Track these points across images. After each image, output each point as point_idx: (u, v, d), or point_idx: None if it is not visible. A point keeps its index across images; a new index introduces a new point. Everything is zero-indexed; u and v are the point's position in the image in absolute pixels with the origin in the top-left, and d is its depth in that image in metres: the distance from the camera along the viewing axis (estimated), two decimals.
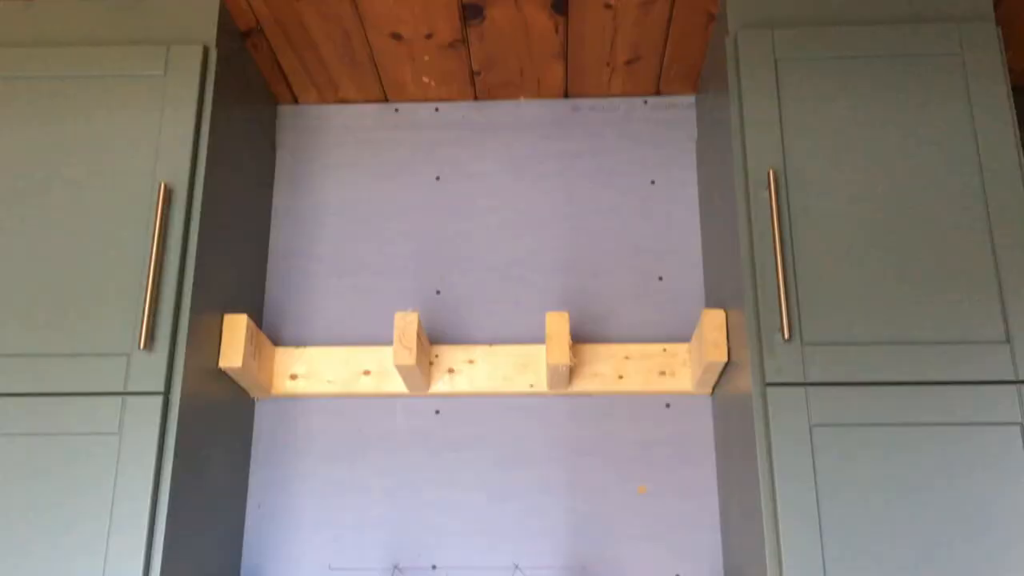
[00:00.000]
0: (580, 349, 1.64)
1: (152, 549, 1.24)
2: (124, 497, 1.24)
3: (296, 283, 1.74)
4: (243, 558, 1.58)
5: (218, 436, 1.47)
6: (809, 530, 1.21)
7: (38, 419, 1.28)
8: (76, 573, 1.21)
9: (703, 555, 1.56)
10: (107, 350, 1.32)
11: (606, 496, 1.60)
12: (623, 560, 1.56)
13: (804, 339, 1.30)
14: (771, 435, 1.25)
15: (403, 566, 1.57)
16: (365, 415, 1.66)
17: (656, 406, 1.64)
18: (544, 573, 1.56)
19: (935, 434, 1.25)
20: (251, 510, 1.61)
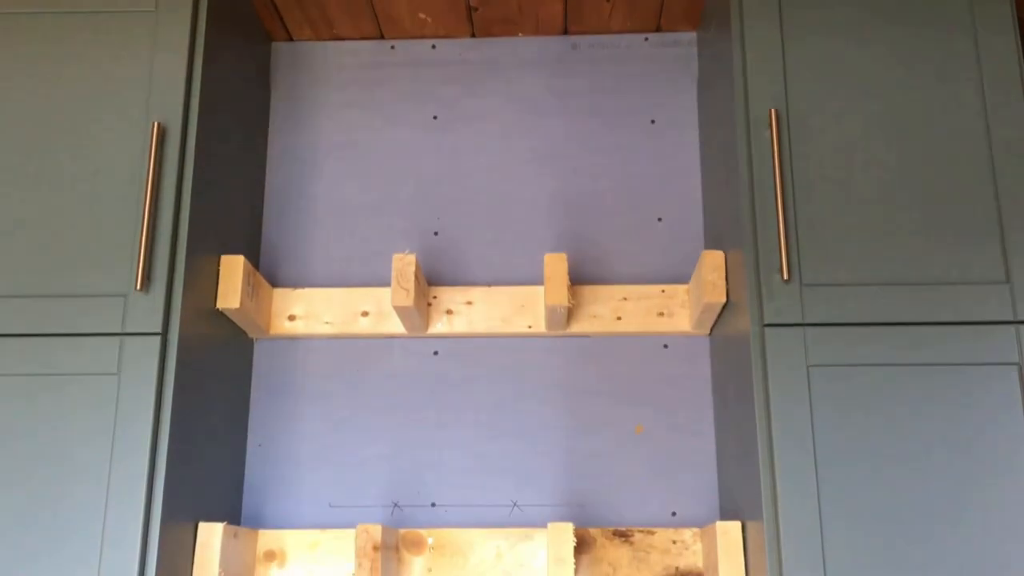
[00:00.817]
0: (578, 290, 1.63)
1: (153, 488, 1.25)
2: (124, 437, 1.25)
3: (293, 224, 1.73)
4: (244, 497, 1.60)
5: (217, 376, 1.48)
6: (805, 470, 1.22)
7: (37, 360, 1.28)
8: (78, 512, 1.23)
9: (699, 493, 1.57)
10: (104, 291, 1.31)
11: (604, 435, 1.61)
12: (620, 498, 1.58)
13: (803, 280, 1.29)
14: (768, 375, 1.26)
15: (403, 504, 1.59)
16: (363, 356, 1.66)
17: (654, 347, 1.65)
18: (542, 511, 1.58)
19: (932, 374, 1.25)
20: (251, 449, 1.62)
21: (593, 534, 1.50)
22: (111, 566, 1.20)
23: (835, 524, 1.20)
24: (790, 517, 1.20)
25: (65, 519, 1.23)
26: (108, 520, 1.22)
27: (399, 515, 1.58)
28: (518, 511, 1.58)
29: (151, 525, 1.24)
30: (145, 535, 1.23)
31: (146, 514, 1.23)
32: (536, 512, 1.58)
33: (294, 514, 1.58)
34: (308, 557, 1.50)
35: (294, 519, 1.58)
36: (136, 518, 1.22)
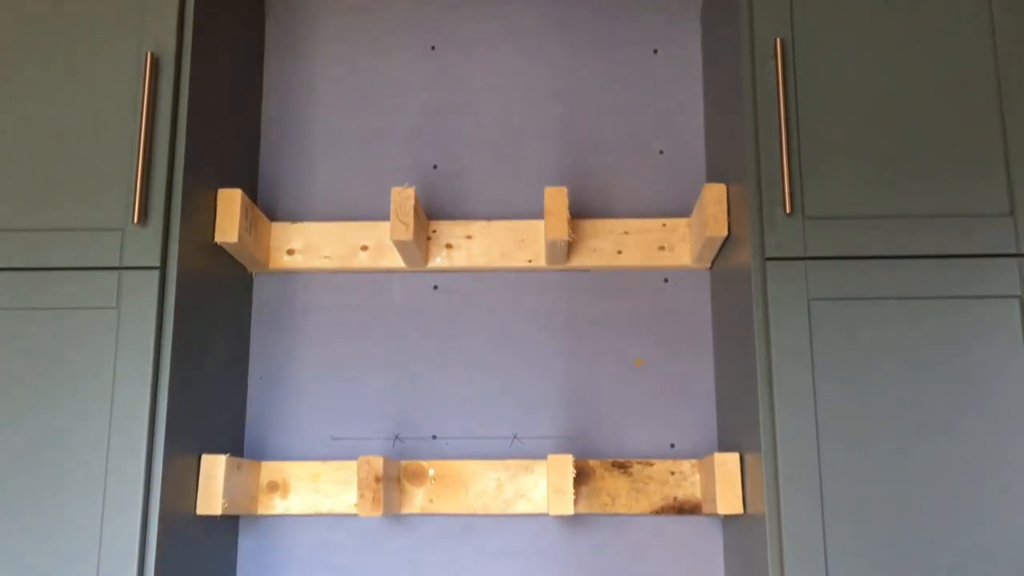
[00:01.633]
0: (579, 224, 1.62)
1: (156, 421, 1.26)
2: (125, 370, 1.26)
3: (290, 158, 1.71)
4: (246, 430, 1.61)
5: (217, 310, 1.48)
6: (804, 403, 1.23)
7: (36, 294, 1.28)
8: (81, 445, 1.24)
9: (698, 426, 1.59)
10: (101, 225, 1.30)
11: (603, 369, 1.62)
12: (619, 430, 1.59)
13: (805, 213, 1.29)
14: (769, 309, 1.25)
15: (404, 436, 1.60)
16: (363, 290, 1.66)
17: (654, 281, 1.65)
18: (542, 443, 1.59)
19: (934, 308, 1.25)
20: (253, 382, 1.63)
21: (592, 465, 1.52)
22: (115, 498, 1.22)
23: (833, 456, 1.21)
24: (788, 449, 1.21)
25: (68, 453, 1.24)
26: (111, 453, 1.23)
27: (400, 447, 1.60)
28: (518, 443, 1.60)
29: (154, 457, 1.25)
30: (149, 467, 1.24)
31: (149, 446, 1.24)
32: (536, 444, 1.59)
33: (296, 446, 1.60)
34: (310, 488, 1.52)
35: (296, 451, 1.60)
36: (139, 450, 1.23)
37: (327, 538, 1.56)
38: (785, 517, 1.19)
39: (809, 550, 1.18)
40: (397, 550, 1.56)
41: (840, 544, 1.19)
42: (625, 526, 1.56)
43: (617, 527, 1.56)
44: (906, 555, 1.18)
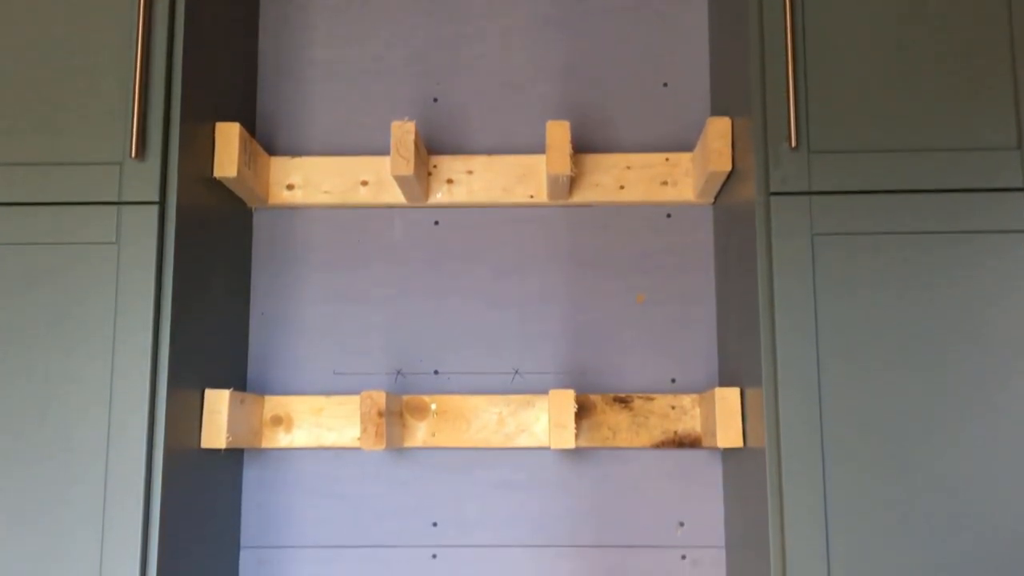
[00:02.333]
0: (581, 159, 1.61)
1: (158, 355, 1.26)
2: (127, 305, 1.25)
3: (288, 91, 1.69)
4: (249, 365, 1.62)
5: (217, 245, 1.47)
6: (806, 338, 1.23)
7: (34, 229, 1.27)
8: (83, 381, 1.24)
9: (698, 361, 1.59)
10: (98, 159, 1.29)
11: (605, 304, 1.62)
12: (620, 365, 1.60)
13: (811, 147, 1.27)
14: (772, 245, 1.25)
15: (406, 371, 1.61)
16: (364, 226, 1.65)
17: (657, 216, 1.64)
18: (543, 378, 1.60)
19: (939, 243, 1.24)
20: (254, 318, 1.63)
21: (593, 400, 1.53)
22: (119, 432, 1.23)
23: (834, 391, 1.22)
24: (789, 384, 1.22)
25: (71, 389, 1.24)
26: (115, 387, 1.24)
27: (402, 382, 1.61)
28: (520, 378, 1.60)
29: (157, 392, 1.25)
30: (152, 402, 1.25)
31: (152, 381, 1.25)
32: (537, 379, 1.60)
33: (298, 381, 1.61)
34: (314, 422, 1.53)
35: (299, 386, 1.60)
36: (142, 385, 1.24)
37: (331, 471, 1.58)
38: (785, 451, 1.20)
39: (808, 483, 1.20)
40: (400, 482, 1.58)
41: (839, 478, 1.20)
42: (625, 459, 1.57)
43: (618, 460, 1.57)
44: (905, 487, 1.20)
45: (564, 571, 1.54)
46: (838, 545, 1.18)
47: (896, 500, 1.19)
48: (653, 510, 1.56)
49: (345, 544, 1.56)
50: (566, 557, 1.55)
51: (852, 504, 1.19)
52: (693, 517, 1.55)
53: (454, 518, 1.57)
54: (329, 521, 1.57)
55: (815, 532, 1.19)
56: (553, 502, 1.56)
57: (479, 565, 1.55)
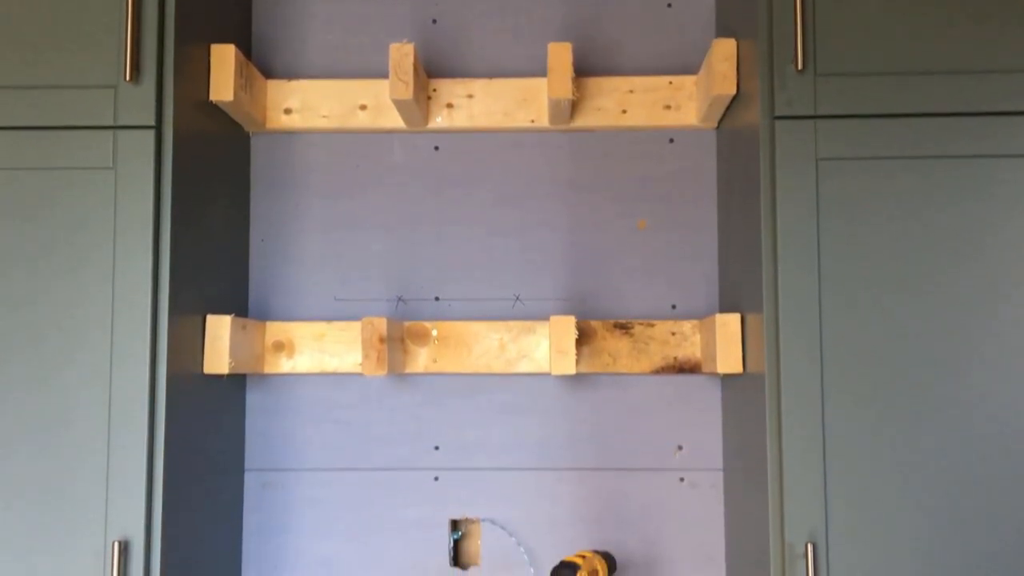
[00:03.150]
0: (583, 82, 1.58)
1: (158, 282, 1.26)
2: (126, 231, 1.25)
3: (284, 12, 1.65)
4: (249, 291, 1.62)
5: (215, 171, 1.46)
6: (808, 264, 1.22)
7: (28, 154, 1.26)
8: (85, 307, 1.24)
9: (700, 287, 1.59)
10: (93, 82, 1.27)
11: (606, 230, 1.61)
12: (621, 291, 1.60)
13: (817, 70, 1.25)
14: (776, 169, 1.23)
15: (406, 298, 1.61)
16: (363, 151, 1.63)
17: (659, 141, 1.62)
18: (544, 304, 1.60)
19: (945, 168, 1.23)
20: (254, 244, 1.62)
21: (594, 326, 1.53)
22: (122, 358, 1.23)
23: (835, 317, 1.22)
24: (790, 309, 1.22)
25: (72, 315, 1.24)
26: (116, 313, 1.24)
27: (403, 309, 1.61)
28: (520, 304, 1.61)
29: (159, 317, 1.25)
30: (154, 328, 1.25)
31: (154, 307, 1.25)
32: (538, 306, 1.60)
33: (299, 307, 1.61)
34: (315, 348, 1.54)
35: (300, 312, 1.61)
36: (144, 310, 1.24)
37: (333, 396, 1.59)
38: (784, 376, 1.21)
39: (807, 408, 1.21)
40: (402, 407, 1.59)
41: (838, 403, 1.21)
42: (625, 385, 1.58)
43: (618, 386, 1.58)
44: (905, 413, 1.21)
45: (564, 493, 1.57)
46: (835, 469, 1.20)
47: (895, 425, 1.20)
48: (652, 434, 1.57)
49: (348, 467, 1.58)
50: (566, 480, 1.57)
51: (850, 429, 1.20)
52: (692, 441, 1.57)
53: (456, 442, 1.59)
54: (332, 445, 1.59)
55: (813, 456, 1.20)
56: (553, 427, 1.58)
57: (480, 488, 1.58)
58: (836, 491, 1.20)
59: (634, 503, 1.56)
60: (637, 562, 1.55)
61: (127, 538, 1.21)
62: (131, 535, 1.21)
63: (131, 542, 1.21)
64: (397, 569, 1.56)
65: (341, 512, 1.57)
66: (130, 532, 1.21)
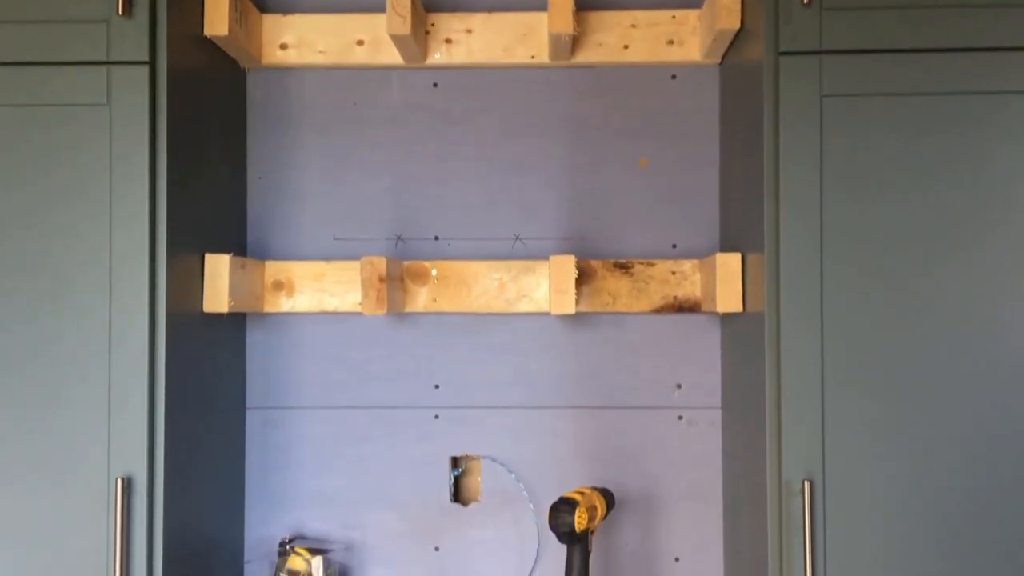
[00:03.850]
0: (584, 17, 1.55)
1: (156, 221, 1.25)
2: (122, 171, 1.24)
3: None
4: (248, 230, 1.61)
5: (211, 107, 1.44)
6: (810, 202, 1.21)
7: (21, 90, 1.24)
8: (82, 248, 1.24)
9: (701, 226, 1.58)
10: (84, 16, 1.24)
11: (607, 168, 1.59)
12: (622, 231, 1.59)
13: (823, 3, 1.22)
14: (780, 106, 1.22)
15: (406, 237, 1.60)
16: (361, 87, 1.61)
17: (662, 77, 1.59)
18: (544, 244, 1.59)
19: (951, 105, 1.21)
20: (252, 183, 1.61)
21: (594, 266, 1.53)
22: (121, 299, 1.23)
23: (837, 256, 1.21)
24: (791, 249, 1.21)
25: (70, 255, 1.24)
26: (114, 253, 1.23)
27: (402, 248, 1.60)
28: (520, 244, 1.60)
29: (157, 257, 1.25)
30: (153, 267, 1.24)
31: (152, 246, 1.24)
32: (538, 245, 1.59)
33: (298, 247, 1.60)
34: (315, 287, 1.54)
35: (299, 251, 1.60)
36: (142, 250, 1.23)
37: (333, 335, 1.60)
38: (784, 315, 1.21)
39: (806, 347, 1.21)
40: (402, 346, 1.60)
41: (837, 343, 1.21)
42: (625, 324, 1.59)
43: (617, 325, 1.59)
44: (903, 353, 1.21)
45: (564, 432, 1.58)
46: (833, 408, 1.20)
47: (894, 363, 1.21)
48: (651, 373, 1.58)
49: (348, 405, 1.59)
50: (565, 418, 1.58)
51: (849, 367, 1.21)
52: (691, 380, 1.58)
53: (456, 381, 1.59)
54: (332, 384, 1.60)
55: (811, 395, 1.20)
56: (553, 366, 1.59)
57: (480, 426, 1.59)
58: (834, 430, 1.20)
59: (633, 441, 1.58)
60: (635, 498, 1.57)
61: (130, 475, 1.22)
62: (134, 472, 1.22)
63: (134, 479, 1.22)
64: (398, 505, 1.58)
65: (342, 449, 1.59)
66: (133, 469, 1.22)
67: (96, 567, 1.22)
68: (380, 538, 1.58)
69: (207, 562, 1.43)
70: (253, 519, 1.59)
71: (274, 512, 1.59)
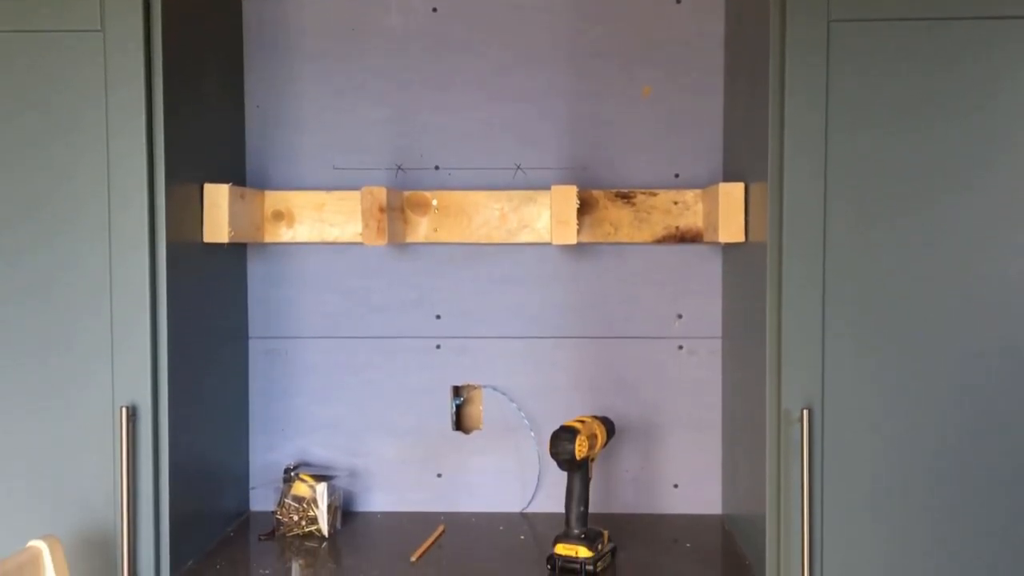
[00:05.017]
0: None
1: (153, 150, 1.24)
2: (118, 98, 1.22)
3: None
4: (247, 160, 1.59)
5: (207, 33, 1.41)
6: (815, 131, 1.20)
7: (11, 14, 1.22)
8: (80, 179, 1.23)
9: (704, 156, 1.57)
10: None
11: (609, 97, 1.57)
12: (624, 160, 1.58)
13: None
14: (787, 31, 1.19)
15: (406, 167, 1.59)
16: (358, 12, 1.58)
17: (666, 3, 1.56)
18: (546, 173, 1.58)
19: (961, 29, 1.18)
20: (250, 111, 1.59)
21: (596, 196, 1.52)
22: (121, 229, 1.23)
23: (841, 186, 1.20)
24: (795, 179, 1.20)
25: (68, 184, 1.23)
26: (112, 184, 1.22)
27: (402, 177, 1.59)
28: (521, 174, 1.59)
29: (156, 186, 1.24)
30: (151, 197, 1.24)
31: (150, 175, 1.23)
32: (539, 175, 1.58)
33: (298, 176, 1.59)
34: (315, 217, 1.53)
35: (298, 181, 1.59)
36: (140, 180, 1.22)
37: (334, 266, 1.60)
38: (787, 245, 1.21)
39: (808, 277, 1.20)
40: (403, 277, 1.60)
41: (839, 273, 1.20)
42: (626, 255, 1.58)
43: (618, 255, 1.58)
44: (905, 283, 1.20)
45: (564, 361, 1.59)
46: (834, 338, 1.21)
47: (896, 293, 1.20)
48: (652, 303, 1.58)
49: (350, 335, 1.60)
50: (566, 348, 1.59)
51: (851, 298, 1.21)
52: (691, 310, 1.58)
53: (457, 311, 1.60)
54: (334, 314, 1.60)
55: (812, 325, 1.21)
56: (554, 296, 1.59)
57: (482, 356, 1.60)
58: (833, 359, 1.21)
59: (633, 370, 1.59)
60: (635, 427, 1.59)
61: (134, 403, 1.23)
62: (138, 400, 1.23)
63: (138, 407, 1.23)
64: (401, 433, 1.60)
65: (345, 379, 1.60)
66: (137, 398, 1.23)
67: (104, 493, 1.24)
68: (383, 465, 1.60)
69: (213, 487, 1.45)
70: (258, 446, 1.61)
71: (278, 440, 1.61)
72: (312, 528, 1.47)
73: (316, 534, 1.47)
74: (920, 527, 1.21)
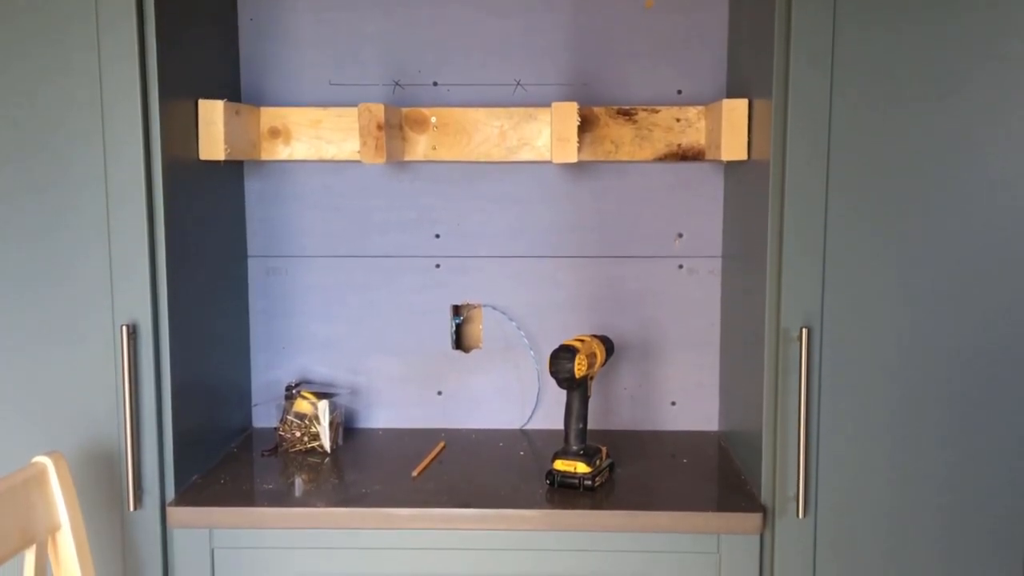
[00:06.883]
0: None
1: (146, 65, 1.21)
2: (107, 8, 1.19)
3: None
4: (241, 76, 1.56)
5: None
6: (821, 49, 1.17)
7: None
8: (71, 95, 1.20)
9: (706, 72, 1.54)
10: None
11: (611, 10, 1.53)
12: (625, 76, 1.55)
13: None
14: None
15: (404, 82, 1.56)
16: None
17: None
18: (546, 89, 1.55)
19: None
20: (243, 24, 1.55)
21: (597, 112, 1.50)
22: (116, 147, 1.21)
23: (845, 104, 1.18)
24: (800, 96, 1.18)
25: (59, 96, 1.21)
26: (105, 99, 1.20)
27: (400, 94, 1.56)
28: (521, 90, 1.56)
29: (150, 103, 1.22)
30: (145, 113, 1.22)
31: (143, 91, 1.21)
32: (539, 91, 1.55)
33: (294, 92, 1.56)
34: (312, 134, 1.51)
35: (294, 97, 1.56)
36: (134, 96, 1.20)
37: (332, 184, 1.58)
38: (790, 164, 1.19)
39: (810, 197, 1.20)
40: (402, 194, 1.58)
41: (841, 193, 1.19)
42: (627, 173, 1.57)
43: (619, 174, 1.57)
44: (905, 206, 1.20)
45: (564, 280, 1.59)
46: (834, 257, 1.20)
47: (896, 215, 1.20)
48: (653, 222, 1.57)
49: (349, 254, 1.59)
50: (566, 267, 1.59)
51: (851, 218, 1.20)
52: (692, 229, 1.57)
53: (456, 230, 1.59)
54: (333, 233, 1.59)
55: (812, 244, 1.20)
56: (554, 215, 1.58)
57: (481, 275, 1.59)
58: (833, 278, 1.21)
59: (633, 289, 1.59)
60: (634, 345, 1.60)
61: (134, 322, 1.23)
62: (138, 319, 1.24)
63: (139, 325, 1.24)
64: (401, 351, 1.61)
65: (344, 296, 1.60)
66: (137, 316, 1.23)
67: (107, 410, 1.25)
68: (384, 383, 1.62)
69: (216, 404, 1.46)
70: (259, 364, 1.62)
71: (280, 358, 1.62)
72: (314, 444, 1.49)
73: (318, 450, 1.49)
74: (916, 444, 1.23)
